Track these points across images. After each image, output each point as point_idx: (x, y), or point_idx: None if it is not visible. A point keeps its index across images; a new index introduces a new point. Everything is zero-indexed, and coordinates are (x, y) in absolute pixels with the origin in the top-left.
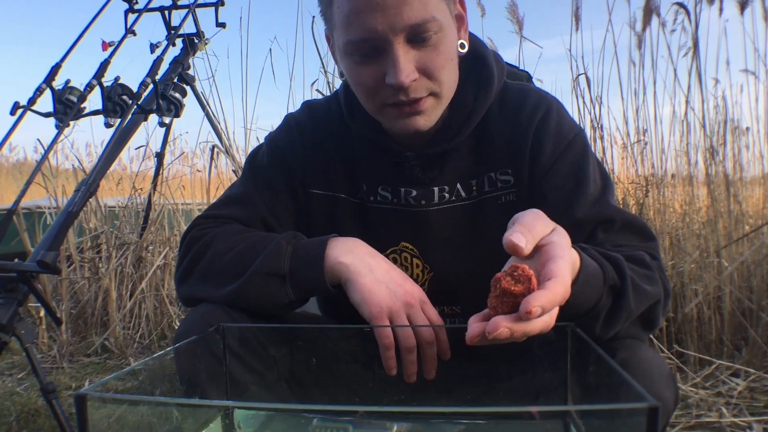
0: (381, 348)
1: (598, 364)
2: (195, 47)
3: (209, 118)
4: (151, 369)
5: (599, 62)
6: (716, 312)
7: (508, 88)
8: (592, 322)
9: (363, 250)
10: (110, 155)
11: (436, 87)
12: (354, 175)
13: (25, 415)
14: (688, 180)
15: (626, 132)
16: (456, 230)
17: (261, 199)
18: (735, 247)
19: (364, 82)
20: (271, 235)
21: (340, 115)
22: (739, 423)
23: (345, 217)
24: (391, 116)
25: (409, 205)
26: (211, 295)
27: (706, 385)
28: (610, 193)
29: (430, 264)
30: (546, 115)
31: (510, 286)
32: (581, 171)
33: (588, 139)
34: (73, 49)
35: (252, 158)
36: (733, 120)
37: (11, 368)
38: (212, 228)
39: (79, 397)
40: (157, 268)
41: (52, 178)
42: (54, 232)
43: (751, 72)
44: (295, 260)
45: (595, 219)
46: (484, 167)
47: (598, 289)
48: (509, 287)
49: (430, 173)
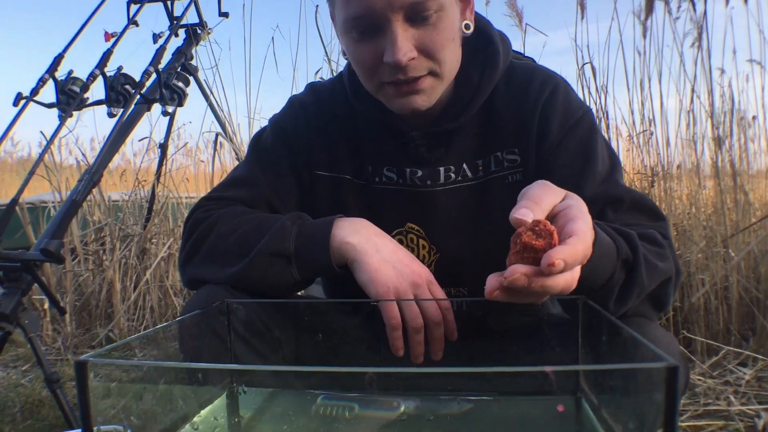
0: (388, 328)
1: (610, 335)
2: (198, 37)
3: (212, 108)
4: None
5: (605, 52)
6: (723, 302)
7: (514, 67)
8: (605, 298)
9: (369, 230)
10: (113, 145)
11: (436, 66)
12: (359, 156)
13: (29, 406)
14: (695, 171)
15: (632, 122)
16: (462, 211)
17: (265, 180)
18: (742, 237)
19: (362, 59)
20: (276, 215)
21: (345, 97)
22: (747, 411)
23: (350, 199)
24: (389, 95)
25: (415, 186)
26: (216, 276)
27: (714, 374)
28: (619, 172)
29: (436, 245)
30: (553, 93)
31: (531, 240)
32: (589, 149)
33: (595, 118)
34: (76, 39)
35: (256, 140)
36: (739, 110)
37: (15, 360)
38: (216, 210)
39: (79, 364)
40: (161, 260)
41: (56, 171)
42: (57, 221)
43: (757, 62)
44: (300, 240)
45: (604, 198)
46: (491, 147)
47: (612, 263)
48: (530, 242)
49: (436, 153)
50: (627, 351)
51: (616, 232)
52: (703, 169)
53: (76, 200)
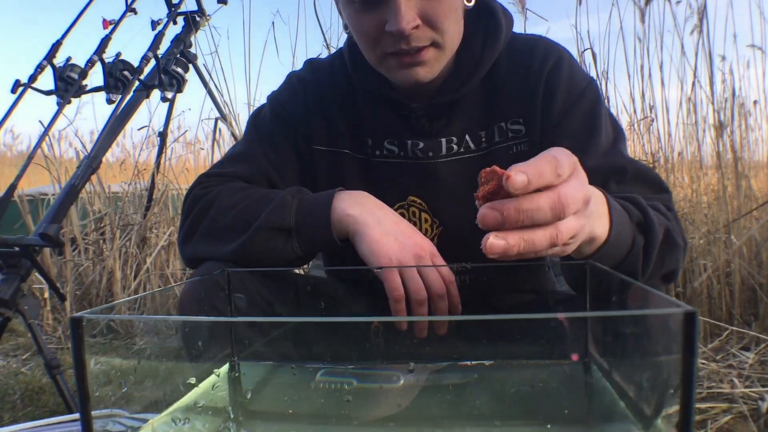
0: (391, 301)
1: (621, 294)
2: (197, 25)
3: (211, 95)
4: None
5: (605, 38)
6: (725, 286)
7: (516, 38)
8: (634, 265)
9: (371, 203)
10: (112, 131)
11: (438, 37)
12: (359, 131)
13: (29, 393)
14: (697, 156)
15: (633, 109)
16: (465, 183)
17: (264, 155)
18: (743, 222)
19: (365, 29)
20: (276, 191)
21: (344, 72)
22: (751, 394)
23: (349, 174)
24: (391, 66)
25: (416, 158)
26: (215, 253)
27: (717, 357)
28: (623, 143)
29: (439, 218)
30: (558, 63)
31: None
32: (594, 120)
33: (600, 89)
34: (74, 26)
35: (254, 117)
36: (740, 96)
37: (16, 350)
38: (215, 186)
39: (74, 320)
40: (162, 249)
41: (55, 160)
42: (56, 206)
43: (758, 47)
44: (301, 214)
45: (608, 168)
46: (494, 118)
47: (629, 229)
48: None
49: (437, 124)
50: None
51: (622, 198)
52: (705, 155)
53: (75, 185)
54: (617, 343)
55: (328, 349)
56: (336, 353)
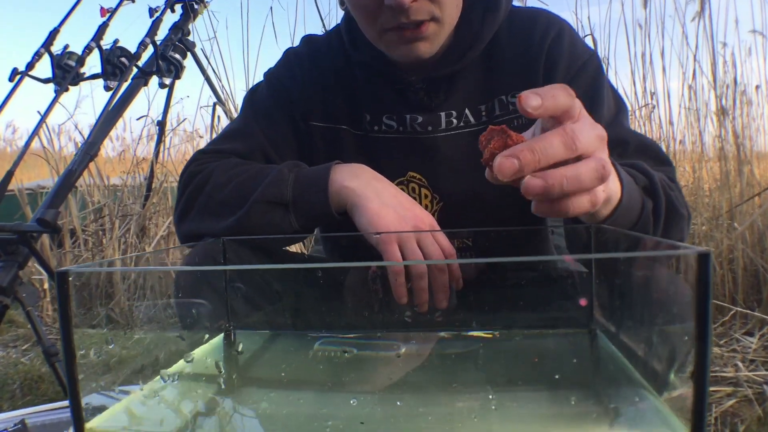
0: (390, 273)
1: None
2: (195, 12)
3: (209, 82)
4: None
5: (606, 24)
6: (728, 272)
7: (517, 11)
8: (645, 228)
9: (369, 175)
10: (110, 118)
11: (437, 11)
12: (356, 106)
13: (28, 382)
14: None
15: (634, 96)
16: (466, 158)
17: (261, 131)
18: (746, 208)
19: (363, 4)
20: (272, 165)
21: (341, 47)
22: (755, 378)
23: (347, 150)
24: (391, 41)
25: (416, 132)
26: (212, 229)
27: (721, 342)
28: (624, 115)
29: (439, 194)
30: (559, 35)
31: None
32: (596, 93)
33: (601, 63)
34: (72, 13)
35: (251, 93)
36: (742, 82)
37: (15, 340)
38: (211, 162)
39: (60, 274)
40: (161, 238)
41: (54, 154)
42: (54, 191)
43: (759, 32)
44: (298, 187)
45: (610, 141)
46: (495, 91)
47: (637, 192)
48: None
49: (436, 98)
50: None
51: (625, 164)
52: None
53: (73, 170)
54: (624, 308)
55: (326, 319)
56: (335, 323)
